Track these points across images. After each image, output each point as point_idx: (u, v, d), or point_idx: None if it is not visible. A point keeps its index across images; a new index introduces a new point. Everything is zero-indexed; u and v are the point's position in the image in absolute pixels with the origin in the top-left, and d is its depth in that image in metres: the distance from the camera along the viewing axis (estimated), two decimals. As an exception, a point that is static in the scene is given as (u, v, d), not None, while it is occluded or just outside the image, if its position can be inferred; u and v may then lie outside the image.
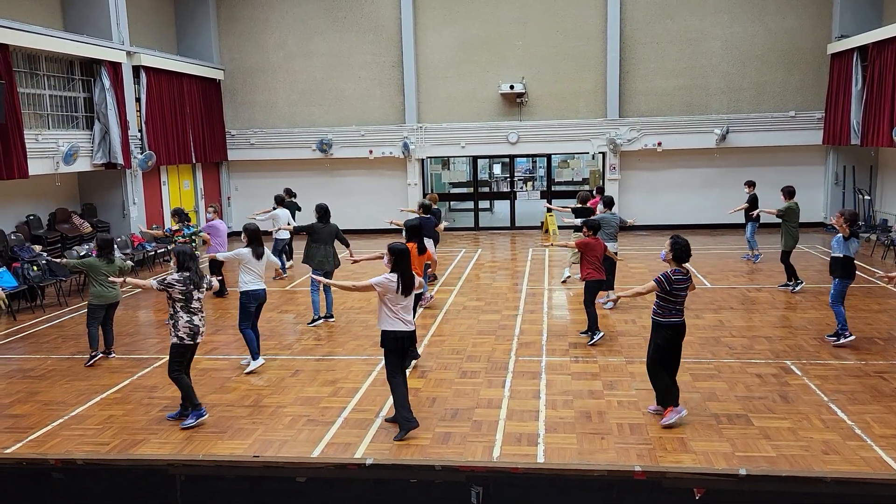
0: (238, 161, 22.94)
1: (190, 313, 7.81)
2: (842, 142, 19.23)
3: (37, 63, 15.47)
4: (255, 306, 9.67)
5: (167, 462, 3.77)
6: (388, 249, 7.50)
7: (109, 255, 10.23)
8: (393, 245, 7.53)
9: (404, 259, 7.45)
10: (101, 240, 10.41)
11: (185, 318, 7.77)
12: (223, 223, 13.98)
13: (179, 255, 7.96)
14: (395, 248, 7.48)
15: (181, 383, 7.88)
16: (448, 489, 3.62)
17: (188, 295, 7.78)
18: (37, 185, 15.76)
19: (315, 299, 11.94)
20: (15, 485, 4.22)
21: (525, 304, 12.83)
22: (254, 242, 9.70)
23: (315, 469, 3.81)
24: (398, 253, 7.44)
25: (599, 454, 6.87)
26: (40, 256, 14.23)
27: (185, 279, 7.79)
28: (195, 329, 7.84)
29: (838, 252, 9.89)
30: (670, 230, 21.02)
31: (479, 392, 8.58)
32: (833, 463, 6.58)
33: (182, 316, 7.77)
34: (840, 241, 9.87)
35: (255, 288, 9.61)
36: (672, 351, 7.54)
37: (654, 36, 20.90)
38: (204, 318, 8.02)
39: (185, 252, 7.96)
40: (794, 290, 13.08)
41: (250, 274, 9.58)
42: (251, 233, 9.74)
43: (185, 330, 7.78)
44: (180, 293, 7.74)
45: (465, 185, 25.11)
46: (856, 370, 8.97)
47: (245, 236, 9.75)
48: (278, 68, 22.33)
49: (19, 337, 11.81)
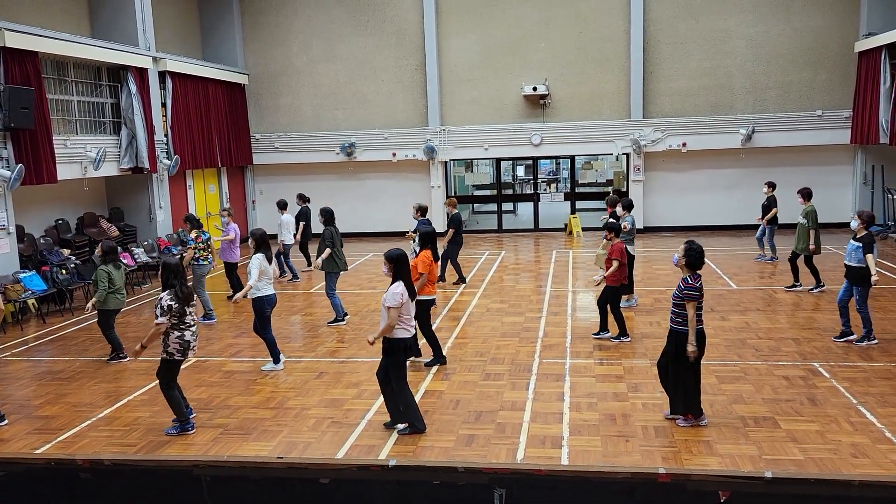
0: (262, 165, 23.12)
1: (181, 329, 7.66)
2: (870, 141, 18.95)
3: (65, 69, 15.72)
4: (270, 311, 9.76)
5: (192, 463, 3.81)
6: (387, 257, 7.48)
7: (116, 261, 10.41)
8: (390, 253, 7.51)
9: (404, 264, 7.47)
10: (106, 246, 10.43)
11: (175, 333, 7.61)
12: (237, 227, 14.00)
13: (164, 269, 7.76)
14: (393, 256, 7.46)
15: (169, 397, 7.76)
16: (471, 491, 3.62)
17: (181, 311, 7.65)
18: (65, 189, 16.00)
19: (337, 301, 12.00)
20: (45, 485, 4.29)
21: (549, 307, 12.79)
22: (263, 247, 9.76)
23: (338, 470, 3.83)
24: (397, 259, 7.44)
25: (624, 457, 6.82)
26: (69, 260, 14.43)
27: (175, 296, 7.60)
28: (185, 345, 7.69)
29: (853, 261, 9.76)
30: (695, 232, 20.92)
31: (502, 394, 8.57)
32: (862, 466, 6.47)
33: (173, 332, 7.60)
34: (857, 248, 9.71)
35: (270, 293, 9.70)
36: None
37: (678, 36, 20.75)
38: (196, 332, 7.87)
39: (168, 266, 7.76)
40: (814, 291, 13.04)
41: (263, 278, 9.64)
42: (259, 238, 9.76)
43: (174, 345, 7.62)
44: (176, 312, 7.61)
45: (489, 188, 25.09)
46: (885, 372, 8.83)
47: (253, 242, 9.78)
48: (302, 72, 22.48)
49: (48, 340, 11.99)
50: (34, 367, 10.43)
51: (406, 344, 7.42)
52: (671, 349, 7.47)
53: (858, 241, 9.75)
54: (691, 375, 7.40)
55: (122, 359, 10.44)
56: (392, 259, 7.43)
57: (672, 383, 7.55)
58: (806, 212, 12.84)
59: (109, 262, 10.30)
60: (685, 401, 7.46)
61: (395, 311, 7.23)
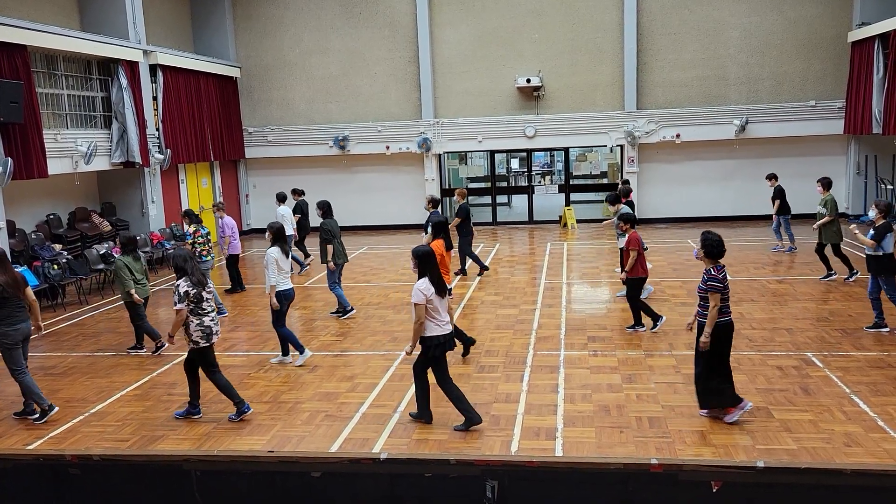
0: (256, 159, 23.03)
1: (199, 315, 7.73)
2: (863, 131, 18.96)
3: (55, 63, 15.61)
4: (287, 306, 9.70)
5: (182, 458, 3.77)
6: (414, 254, 7.35)
7: (135, 252, 10.53)
8: (417, 249, 7.40)
9: (430, 260, 7.31)
10: (124, 238, 10.69)
11: (194, 322, 7.70)
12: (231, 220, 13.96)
13: (175, 259, 7.90)
14: (419, 252, 7.34)
15: (219, 384, 7.90)
16: (463, 483, 3.59)
17: (198, 297, 7.73)
18: (56, 184, 15.91)
19: (340, 292, 11.96)
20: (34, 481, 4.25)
21: (543, 299, 12.78)
22: (279, 240, 9.63)
23: (329, 464, 3.80)
24: (423, 256, 7.30)
25: (618, 448, 6.80)
26: (60, 255, 14.37)
27: (190, 282, 7.71)
28: (207, 330, 7.77)
29: (869, 250, 9.78)
30: (689, 223, 20.95)
31: (497, 386, 8.55)
32: (855, 455, 6.47)
33: (192, 320, 7.69)
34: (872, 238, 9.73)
35: (287, 287, 9.59)
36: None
37: (672, 27, 20.71)
38: (216, 318, 7.94)
39: (179, 255, 7.91)
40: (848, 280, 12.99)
41: (280, 273, 9.57)
42: (277, 231, 9.67)
43: (197, 334, 7.71)
44: (194, 297, 7.70)
45: (483, 180, 25.04)
46: (878, 361, 8.84)
47: (270, 235, 9.67)
48: (294, 65, 22.38)
49: (40, 335, 11.91)
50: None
51: (439, 341, 7.24)
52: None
53: (875, 229, 9.78)
54: (720, 366, 7.23)
55: (161, 347, 10.50)
56: (418, 255, 7.30)
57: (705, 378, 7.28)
58: (825, 201, 12.89)
59: (128, 253, 10.40)
60: (720, 395, 7.26)
61: (419, 309, 7.09)
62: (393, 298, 13.28)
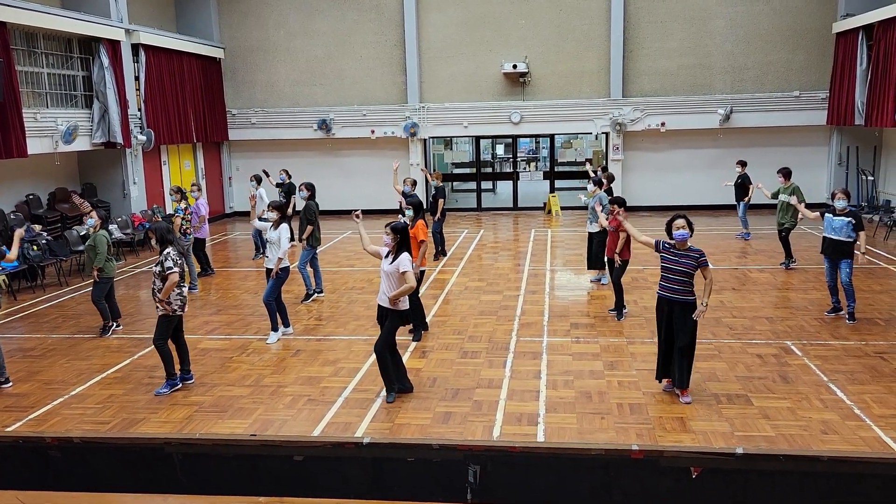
0: (239, 141, 22.85)
1: (180, 285, 8.09)
2: (846, 122, 19.10)
3: (35, 41, 15.37)
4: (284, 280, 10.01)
5: (164, 440, 3.76)
6: (392, 228, 7.63)
7: (107, 229, 10.60)
8: (396, 224, 7.74)
9: (407, 236, 7.78)
10: (101, 214, 10.69)
11: (176, 290, 8.03)
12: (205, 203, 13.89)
13: (158, 230, 8.17)
14: (399, 227, 7.71)
15: (163, 351, 8.13)
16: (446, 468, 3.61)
17: (183, 266, 8.11)
18: (36, 164, 15.71)
19: (306, 275, 11.96)
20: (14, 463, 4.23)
21: (527, 285, 12.82)
22: (286, 218, 10.03)
23: (312, 448, 3.80)
24: (402, 231, 7.70)
25: (599, 434, 6.87)
26: (40, 236, 14.21)
27: (179, 251, 8.11)
28: (184, 299, 8.18)
29: (842, 236, 9.83)
30: (673, 211, 20.93)
31: (479, 372, 8.59)
32: (832, 443, 6.58)
33: (174, 289, 8.01)
34: (847, 224, 9.77)
35: (286, 264, 9.99)
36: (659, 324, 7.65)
37: (658, 15, 20.72)
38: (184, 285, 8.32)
39: (161, 227, 8.22)
40: (788, 267, 13.35)
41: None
42: (281, 208, 10.01)
43: (177, 302, 8.07)
44: (180, 266, 8.00)
45: (468, 166, 25.03)
46: (856, 350, 8.96)
47: (276, 213, 9.98)
48: (279, 47, 22.18)
49: (20, 316, 11.82)
50: (5, 345, 10.22)
51: (406, 314, 7.77)
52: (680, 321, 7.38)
53: (850, 216, 9.81)
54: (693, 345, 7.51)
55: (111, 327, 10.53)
56: (398, 230, 7.63)
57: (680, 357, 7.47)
58: (794, 188, 13.03)
59: (104, 228, 10.54)
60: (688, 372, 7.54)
61: (411, 274, 7.49)
62: (376, 283, 13.26)
